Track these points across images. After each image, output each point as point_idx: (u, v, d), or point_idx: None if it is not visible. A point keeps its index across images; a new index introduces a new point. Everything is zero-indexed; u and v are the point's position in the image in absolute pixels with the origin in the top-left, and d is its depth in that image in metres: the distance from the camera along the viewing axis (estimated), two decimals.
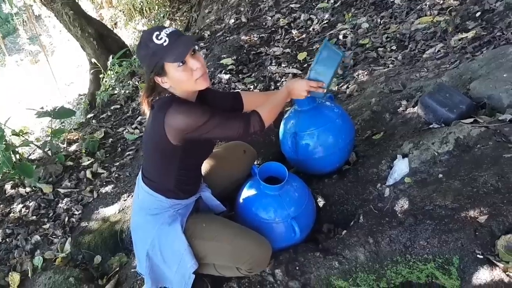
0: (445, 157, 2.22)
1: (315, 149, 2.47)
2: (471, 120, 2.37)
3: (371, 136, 2.75)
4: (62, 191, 3.27)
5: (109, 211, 2.95)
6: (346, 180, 2.50)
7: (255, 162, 2.66)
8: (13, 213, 3.15)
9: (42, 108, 3.59)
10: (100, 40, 5.93)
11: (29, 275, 2.69)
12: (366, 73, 3.50)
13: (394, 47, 3.70)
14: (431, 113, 2.51)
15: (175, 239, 1.97)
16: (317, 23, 4.56)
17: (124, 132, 3.93)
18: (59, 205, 3.16)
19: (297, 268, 2.14)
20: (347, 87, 3.46)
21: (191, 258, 1.97)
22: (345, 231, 2.25)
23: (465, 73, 2.81)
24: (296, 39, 4.47)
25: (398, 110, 2.81)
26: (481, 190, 1.96)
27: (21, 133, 3.71)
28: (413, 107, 2.75)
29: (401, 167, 2.29)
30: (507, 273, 1.63)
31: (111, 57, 5.34)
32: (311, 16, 4.71)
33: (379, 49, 3.75)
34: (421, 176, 2.21)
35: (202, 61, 1.78)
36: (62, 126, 5.12)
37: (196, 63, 1.74)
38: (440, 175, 2.14)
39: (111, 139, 3.87)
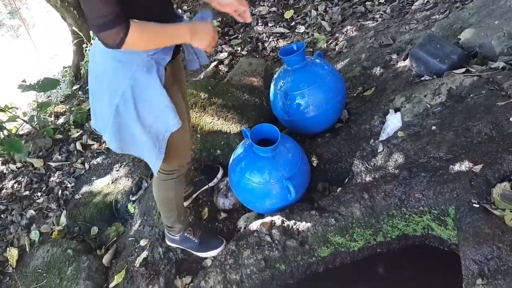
0: (438, 109, 2.20)
1: (307, 108, 2.45)
2: (463, 70, 2.33)
3: (363, 92, 2.72)
4: (53, 164, 3.23)
5: (102, 182, 2.93)
6: (339, 138, 2.48)
7: (246, 125, 2.63)
8: (6, 189, 3.12)
9: (24, 81, 3.49)
10: (80, 8, 5.74)
11: (27, 249, 2.68)
12: (354, 28, 3.43)
13: (382, 0, 3.61)
14: (422, 65, 2.48)
15: (155, 92, 1.61)
16: None
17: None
18: (51, 178, 3.13)
19: (293, 227, 2.15)
20: (336, 44, 3.40)
21: (174, 115, 1.65)
22: (340, 188, 2.25)
23: (455, 22, 2.76)
24: None
25: (389, 64, 2.77)
26: (475, 139, 1.95)
27: (6, 109, 3.63)
28: (404, 60, 2.71)
29: (393, 122, 2.27)
30: (503, 220, 1.64)
31: None
32: None
33: (367, 3, 3.67)
34: (414, 129, 2.19)
35: None
36: (48, 99, 5.02)
37: None
38: (434, 127, 2.13)
39: None
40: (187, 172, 2.49)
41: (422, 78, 2.45)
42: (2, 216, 2.96)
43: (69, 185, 3.05)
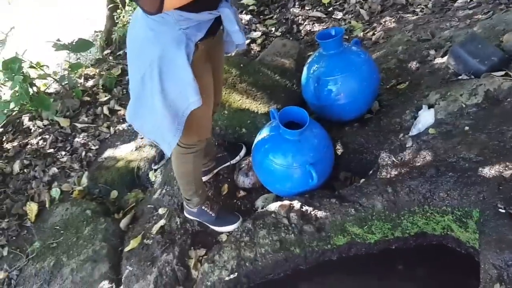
0: (473, 110, 2.15)
1: (338, 95, 2.42)
2: (503, 73, 2.27)
3: (396, 85, 2.67)
4: (79, 125, 3.27)
5: (126, 148, 2.96)
6: (368, 129, 2.45)
7: (275, 106, 2.62)
8: (31, 145, 3.18)
9: (58, 40, 3.52)
10: None
11: (47, 205, 2.74)
12: (393, 20, 3.36)
13: None
14: (461, 63, 2.42)
15: (180, 67, 1.59)
16: None
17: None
18: (76, 139, 3.17)
19: (312, 212, 2.14)
20: (373, 34, 3.34)
21: (196, 93, 1.62)
22: (363, 179, 2.23)
23: (498, 24, 2.68)
24: None
25: (426, 59, 2.71)
26: (508, 144, 1.90)
27: (38, 66, 3.67)
28: (442, 57, 2.64)
29: (426, 118, 2.23)
30: None
31: None
32: None
33: None
34: (446, 128, 2.14)
35: None
36: (79, 61, 5.06)
37: None
38: (466, 128, 2.08)
39: (127, 77, 3.81)
40: (211, 147, 2.50)
41: (460, 77, 2.40)
42: (25, 170, 3.02)
43: (93, 147, 3.09)
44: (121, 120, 3.28)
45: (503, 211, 1.71)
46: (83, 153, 3.05)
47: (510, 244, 1.61)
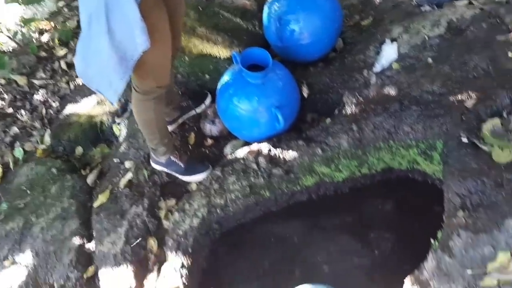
0: (436, 41, 2.13)
1: (301, 34, 2.36)
2: (465, 1, 2.23)
3: (360, 21, 2.62)
4: (37, 82, 3.14)
5: (88, 103, 2.85)
6: (332, 68, 2.42)
7: (237, 49, 2.54)
8: None
9: None
10: None
11: (11, 166, 2.66)
12: None
13: None
14: None
15: (127, 7, 1.52)
16: None
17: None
18: (35, 97, 3.05)
19: (280, 156, 2.14)
20: None
21: (143, 33, 1.53)
22: (329, 119, 2.21)
23: None
24: None
25: None
26: (471, 74, 1.90)
27: None
28: None
29: (389, 52, 2.20)
30: (490, 156, 1.63)
31: None
32: None
33: None
34: (409, 62, 2.12)
35: None
36: (34, 15, 4.80)
37: None
38: (430, 60, 2.07)
39: None
40: (174, 96, 2.43)
41: (422, 8, 2.35)
42: None
43: (53, 104, 2.98)
44: None
45: (466, 141, 1.72)
46: (44, 111, 2.94)
47: (473, 172, 1.64)
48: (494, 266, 1.39)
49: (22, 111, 2.98)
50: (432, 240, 1.65)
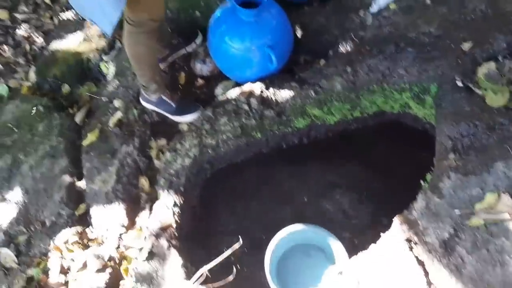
0: None
1: None
2: None
3: None
4: (19, 16, 3.00)
5: (73, 39, 2.75)
6: (328, 7, 2.35)
7: None
8: None
9: None
10: None
11: None
12: None
13: None
14: None
15: None
16: None
17: None
18: (18, 31, 2.93)
19: (272, 97, 2.12)
20: None
21: None
22: (323, 60, 2.18)
23: None
24: None
25: None
26: (469, 16, 1.87)
27: None
28: None
29: None
30: (484, 100, 1.63)
31: None
32: None
33: None
34: (407, 2, 2.07)
35: None
36: None
37: None
38: (428, 1, 2.02)
39: None
40: (164, 33, 2.36)
41: None
42: None
43: (37, 40, 2.87)
44: (65, 9, 3.02)
45: (461, 84, 1.72)
46: (28, 47, 2.84)
47: (466, 116, 1.65)
48: (482, 206, 1.43)
49: (5, 47, 2.87)
50: (422, 182, 1.68)
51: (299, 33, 2.37)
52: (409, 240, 1.59)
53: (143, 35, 1.89)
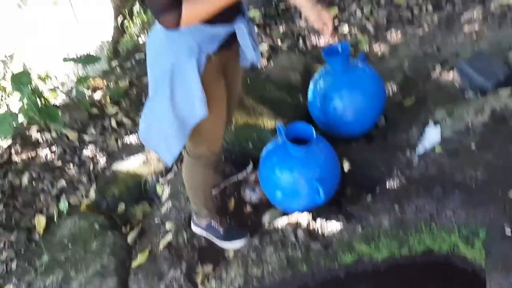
0: (479, 128, 2.16)
1: (344, 111, 2.44)
2: (510, 91, 2.28)
3: (402, 100, 2.69)
4: (87, 138, 3.30)
5: (134, 161, 2.97)
6: (374, 145, 2.47)
7: (281, 121, 2.63)
8: (39, 157, 3.20)
9: (68, 55, 3.56)
10: None
11: (55, 219, 2.76)
12: (399, 34, 3.38)
13: (430, 8, 3.53)
14: (467, 80, 2.43)
15: (189, 77, 1.65)
16: None
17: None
18: (84, 152, 3.19)
19: (319, 229, 2.16)
20: (379, 47, 3.35)
21: (202, 103, 1.67)
22: (370, 196, 2.24)
23: (504, 41, 2.69)
24: None
25: (432, 74, 2.73)
26: None
27: (46, 78, 3.72)
28: (448, 72, 2.66)
29: (432, 135, 2.24)
30: None
31: (137, 4, 5.24)
32: None
33: (414, 9, 3.59)
34: (452, 146, 2.16)
35: None
36: (86, 72, 5.11)
37: None
38: (473, 146, 2.09)
39: (135, 89, 3.84)
40: (219, 163, 2.51)
41: (466, 94, 2.41)
42: (33, 183, 3.04)
43: (101, 160, 3.11)
44: (129, 133, 3.30)
45: (510, 234, 1.71)
46: (91, 166, 3.07)
47: None
48: None
49: (71, 165, 3.12)
50: None
51: (346, 167, 2.47)
52: None
53: (200, 166, 2.04)
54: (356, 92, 2.40)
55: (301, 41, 3.82)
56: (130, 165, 2.96)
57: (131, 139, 3.23)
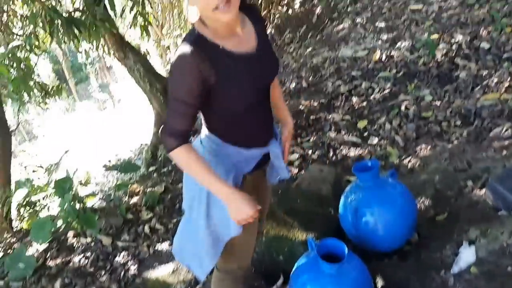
0: None
1: (376, 226, 2.43)
2: None
3: (435, 216, 2.67)
4: (120, 244, 3.36)
5: (164, 270, 2.99)
6: (408, 262, 2.42)
7: (312, 235, 2.64)
8: (73, 263, 3.26)
9: (109, 161, 3.77)
10: (166, 95, 6.22)
11: None
12: (429, 147, 3.44)
13: (458, 123, 3.62)
14: (499, 199, 2.42)
15: None
16: (378, 92, 4.57)
17: (185, 188, 4.02)
18: (117, 258, 3.24)
19: None
20: (409, 161, 3.41)
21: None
22: None
23: None
24: (357, 107, 4.49)
25: (464, 190, 2.72)
26: None
27: (87, 183, 3.90)
28: (480, 189, 2.65)
29: (467, 255, 2.19)
30: None
31: None
32: (372, 84, 4.73)
33: (443, 123, 3.69)
34: (488, 267, 2.09)
35: None
36: (125, 176, 5.32)
37: None
38: (509, 268, 2.03)
39: (170, 195, 3.97)
40: (247, 276, 2.49)
41: (499, 213, 2.38)
42: None
43: (132, 267, 3.14)
44: (161, 240, 3.36)
45: None
46: (122, 273, 3.10)
47: None
48: None
49: (102, 271, 3.15)
50: None
51: (379, 284, 2.40)
52: None
53: (229, 281, 2.04)
54: (386, 208, 2.41)
55: (331, 151, 3.92)
56: (160, 273, 2.97)
57: (162, 246, 3.27)
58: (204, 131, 1.79)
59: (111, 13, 4.56)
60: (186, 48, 1.48)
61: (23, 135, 16.44)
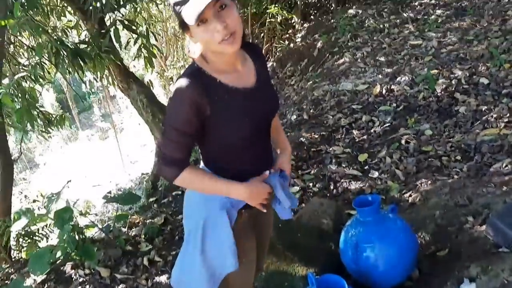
0: None
1: (376, 262, 2.42)
2: None
3: (435, 252, 2.65)
4: (118, 276, 3.33)
5: None
6: None
7: (312, 269, 2.62)
8: None
9: (109, 192, 3.77)
10: None
11: None
12: (429, 182, 3.45)
13: (458, 157, 3.64)
14: (499, 236, 2.41)
15: (222, 231, 1.72)
16: (378, 125, 4.62)
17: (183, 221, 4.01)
18: None
19: None
20: (410, 195, 3.41)
21: (233, 256, 1.72)
22: None
23: None
24: (357, 140, 4.52)
25: (464, 226, 2.71)
26: None
27: (87, 213, 3.89)
28: (480, 225, 2.64)
29: None
30: None
31: None
32: (372, 118, 4.78)
33: (443, 158, 3.71)
34: None
35: (230, 20, 1.45)
36: (125, 206, 5.30)
37: (218, 24, 1.43)
38: None
39: (170, 226, 3.96)
40: None
41: (500, 250, 2.37)
42: None
43: None
44: (160, 272, 3.33)
45: None
46: None
47: None
48: None
49: None
50: None
51: None
52: None
53: None
54: (387, 244, 2.41)
55: (332, 184, 3.93)
56: None
57: (161, 278, 3.24)
58: (201, 164, 1.81)
59: (116, 44, 4.65)
60: (184, 80, 1.53)
61: (24, 163, 16.48)
